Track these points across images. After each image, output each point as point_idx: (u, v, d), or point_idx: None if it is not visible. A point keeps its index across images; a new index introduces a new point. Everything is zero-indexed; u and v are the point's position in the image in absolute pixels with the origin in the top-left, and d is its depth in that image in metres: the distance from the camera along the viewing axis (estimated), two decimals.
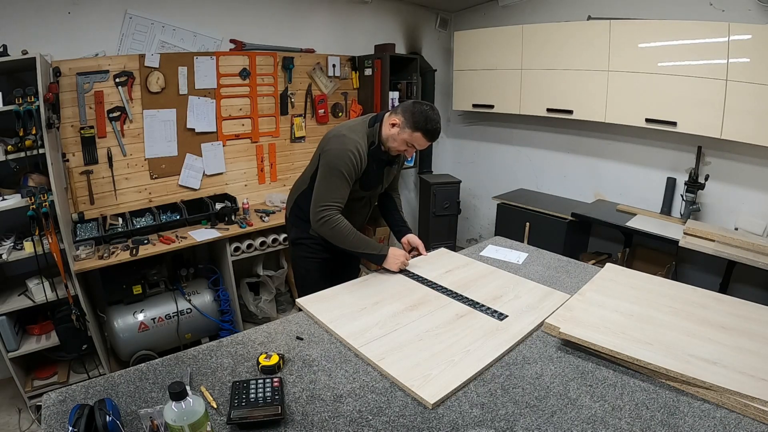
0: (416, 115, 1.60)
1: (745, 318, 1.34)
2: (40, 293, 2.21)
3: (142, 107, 2.75)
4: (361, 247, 1.68)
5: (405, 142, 1.65)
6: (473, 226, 4.59)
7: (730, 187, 2.80)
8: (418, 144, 1.64)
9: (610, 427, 0.96)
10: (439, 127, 1.63)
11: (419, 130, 1.61)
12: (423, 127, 1.60)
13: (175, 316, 2.62)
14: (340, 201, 1.65)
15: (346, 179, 1.63)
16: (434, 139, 1.66)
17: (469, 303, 1.49)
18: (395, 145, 1.67)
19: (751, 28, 2.34)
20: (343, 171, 1.61)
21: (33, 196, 2.06)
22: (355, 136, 1.66)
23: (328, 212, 1.63)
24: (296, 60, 3.30)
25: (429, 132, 1.62)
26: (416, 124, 1.60)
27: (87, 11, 2.49)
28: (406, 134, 1.63)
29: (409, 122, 1.61)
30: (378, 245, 1.70)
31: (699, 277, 2.92)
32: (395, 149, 1.69)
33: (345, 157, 1.61)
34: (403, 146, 1.67)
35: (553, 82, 3.23)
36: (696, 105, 2.58)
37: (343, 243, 1.67)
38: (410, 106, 1.63)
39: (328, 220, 1.63)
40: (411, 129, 1.61)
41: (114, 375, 1.12)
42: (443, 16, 4.21)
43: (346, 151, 1.62)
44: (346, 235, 1.65)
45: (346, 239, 1.65)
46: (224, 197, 3.09)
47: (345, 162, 1.61)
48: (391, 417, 0.99)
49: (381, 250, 1.69)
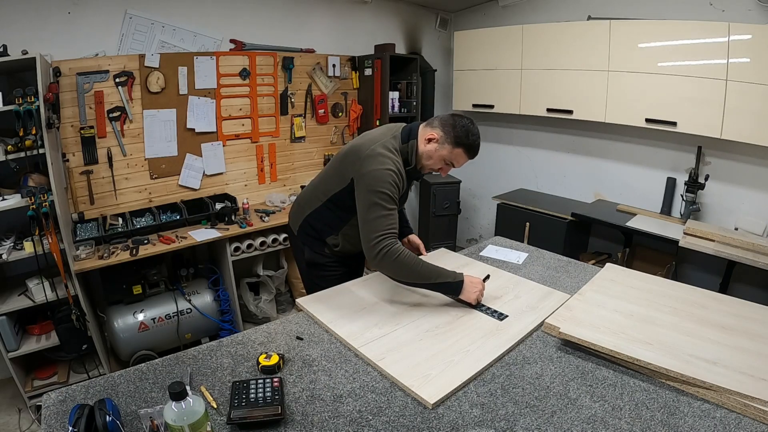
0: (457, 129, 1.46)
1: (745, 318, 1.34)
2: (40, 293, 2.21)
3: (142, 107, 2.75)
4: (433, 277, 1.41)
5: (443, 159, 1.51)
6: (473, 226, 4.59)
7: (730, 187, 2.80)
8: (458, 162, 1.51)
9: (610, 427, 0.96)
10: (479, 141, 1.50)
11: (461, 146, 1.47)
12: (465, 142, 1.46)
13: (175, 316, 2.62)
14: (395, 227, 1.43)
15: (395, 202, 1.44)
16: (475, 155, 1.52)
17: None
18: (430, 163, 1.53)
19: (751, 28, 2.34)
20: (391, 194, 1.42)
21: (33, 196, 2.06)
22: (393, 156, 1.48)
23: (386, 242, 1.39)
24: (296, 60, 3.30)
25: (471, 148, 1.48)
26: (458, 139, 1.46)
27: (87, 11, 2.49)
28: (446, 151, 1.49)
29: (449, 137, 1.47)
30: (452, 272, 1.44)
31: (699, 277, 2.92)
32: (429, 167, 1.55)
33: (389, 179, 1.43)
34: (439, 164, 1.53)
35: (553, 82, 3.23)
36: (696, 105, 2.58)
37: (409, 276, 1.42)
38: (449, 119, 1.49)
39: (389, 251, 1.38)
40: (452, 145, 1.47)
41: (114, 375, 1.12)
42: (443, 16, 4.21)
43: (390, 173, 1.44)
44: (413, 266, 1.40)
45: (414, 270, 1.40)
46: (224, 197, 3.09)
47: (389, 184, 1.42)
48: (391, 417, 0.99)
49: (456, 277, 1.44)
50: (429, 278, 1.41)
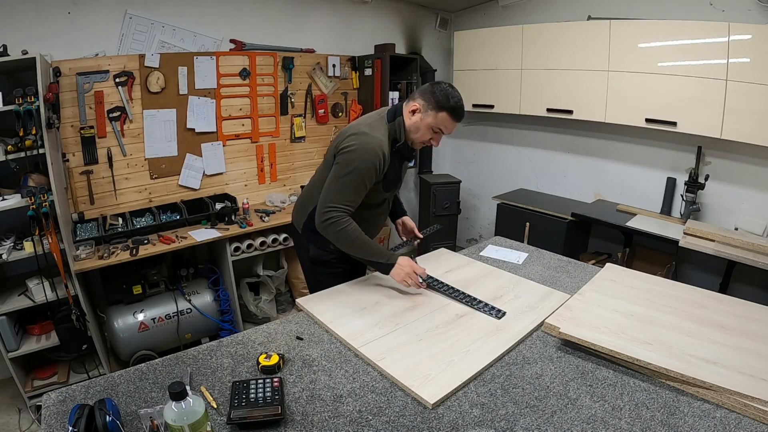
0: (437, 94, 1.47)
1: (745, 318, 1.34)
2: (40, 293, 2.21)
3: (142, 107, 2.75)
4: (367, 253, 1.52)
5: (430, 128, 1.51)
6: (473, 226, 4.59)
7: (730, 187, 2.80)
8: (445, 127, 1.50)
9: (610, 427, 0.96)
10: (463, 103, 1.50)
11: (444, 109, 1.47)
12: (447, 105, 1.46)
13: (175, 316, 2.62)
14: (352, 205, 1.49)
15: (364, 183, 1.47)
16: (461, 117, 1.52)
17: (467, 300, 1.49)
18: (418, 136, 1.53)
19: (751, 28, 2.34)
20: (362, 173, 1.45)
21: (33, 196, 2.06)
22: (377, 134, 1.50)
23: (336, 213, 1.46)
24: (296, 60, 3.30)
25: (455, 109, 1.48)
26: (439, 104, 1.46)
27: (87, 11, 2.49)
28: (430, 118, 1.49)
29: (431, 103, 1.48)
30: (387, 253, 1.54)
31: (699, 277, 2.92)
32: (419, 140, 1.55)
33: (366, 158, 1.45)
34: (428, 134, 1.53)
35: (553, 82, 3.23)
36: (696, 105, 2.58)
37: (348, 248, 1.52)
38: (428, 87, 1.50)
39: (335, 222, 1.46)
40: (435, 110, 1.48)
41: (114, 375, 1.12)
42: (443, 16, 4.20)
43: (368, 151, 1.45)
44: (353, 240, 1.49)
45: (353, 244, 1.50)
46: (224, 197, 3.09)
47: (366, 164, 1.45)
48: (391, 417, 0.99)
49: (389, 258, 1.52)
50: (364, 254, 1.53)
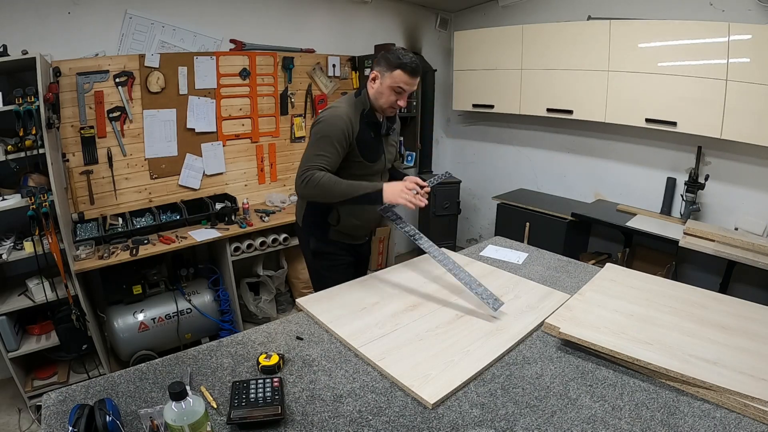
0: (389, 57, 1.58)
1: (745, 318, 1.34)
2: (40, 293, 2.21)
3: (142, 107, 2.75)
4: (353, 191, 1.51)
5: (391, 89, 1.59)
6: (473, 226, 4.59)
7: (730, 187, 2.80)
8: (404, 83, 1.57)
9: (610, 427, 0.96)
10: (415, 59, 1.58)
11: (397, 68, 1.56)
12: (398, 62, 1.55)
13: (175, 316, 2.62)
14: (325, 163, 1.54)
15: (334, 145, 1.55)
16: (416, 73, 1.59)
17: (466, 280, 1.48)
18: (383, 100, 1.62)
19: (751, 28, 2.34)
20: (330, 135, 1.55)
21: (33, 196, 2.06)
22: (343, 105, 1.64)
23: (308, 172, 1.51)
24: (296, 60, 3.30)
25: (407, 65, 1.56)
26: (391, 63, 1.56)
27: (87, 11, 2.49)
28: (388, 79, 1.58)
29: (384, 66, 1.58)
30: (372, 184, 1.54)
31: (699, 277, 2.92)
32: (386, 104, 1.62)
33: (332, 122, 1.57)
34: (391, 95, 1.60)
35: (553, 82, 3.23)
36: (696, 105, 2.58)
37: (333, 196, 1.53)
38: (382, 54, 1.62)
39: (310, 179, 1.50)
40: (390, 70, 1.57)
41: (114, 375, 1.12)
42: (443, 16, 4.20)
43: (334, 117, 1.58)
44: (333, 186, 1.50)
45: (335, 189, 1.51)
46: (224, 197, 3.09)
47: (333, 127, 1.56)
48: (391, 417, 0.99)
49: (375, 187, 1.52)
50: (350, 193, 1.51)
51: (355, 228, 1.81)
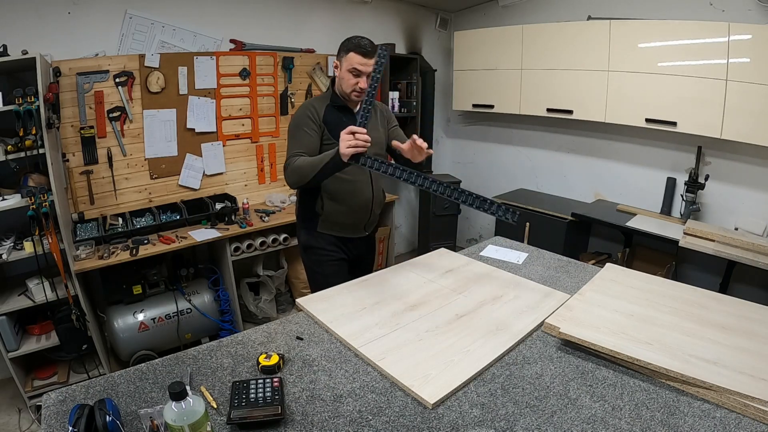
0: (344, 43, 1.66)
1: (745, 318, 1.34)
2: (40, 293, 2.21)
3: (142, 107, 2.75)
4: (319, 162, 1.54)
5: (349, 72, 1.66)
6: (473, 226, 4.59)
7: (730, 187, 2.80)
8: (359, 64, 1.63)
9: (610, 427, 0.96)
10: (367, 40, 1.64)
11: (350, 50, 1.63)
12: (351, 45, 1.63)
13: (175, 316, 2.62)
14: (301, 149, 1.66)
15: (303, 129, 1.68)
16: (369, 53, 1.63)
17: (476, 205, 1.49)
18: (345, 85, 1.69)
19: (751, 28, 2.34)
20: (298, 123, 1.69)
21: (33, 196, 2.06)
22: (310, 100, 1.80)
23: (287, 162, 1.66)
24: (296, 60, 3.30)
25: (359, 46, 1.62)
26: (345, 47, 1.65)
27: (87, 11, 2.49)
28: (345, 63, 1.66)
29: (342, 52, 1.66)
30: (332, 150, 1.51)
31: (699, 277, 2.92)
32: (349, 88, 1.68)
33: (298, 113, 1.72)
34: (351, 78, 1.66)
35: (553, 82, 3.23)
36: (696, 105, 2.58)
37: (308, 174, 1.57)
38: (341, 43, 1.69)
39: (288, 167, 1.64)
40: (345, 54, 1.65)
41: (114, 375, 1.12)
42: (443, 16, 4.21)
43: (300, 108, 1.73)
44: (304, 164, 1.59)
45: (306, 167, 1.58)
46: (224, 197, 3.09)
47: (298, 117, 1.70)
48: (391, 417, 0.99)
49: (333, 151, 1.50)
50: (318, 164, 1.54)
51: (340, 215, 1.81)
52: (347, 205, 1.81)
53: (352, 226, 1.87)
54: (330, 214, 1.80)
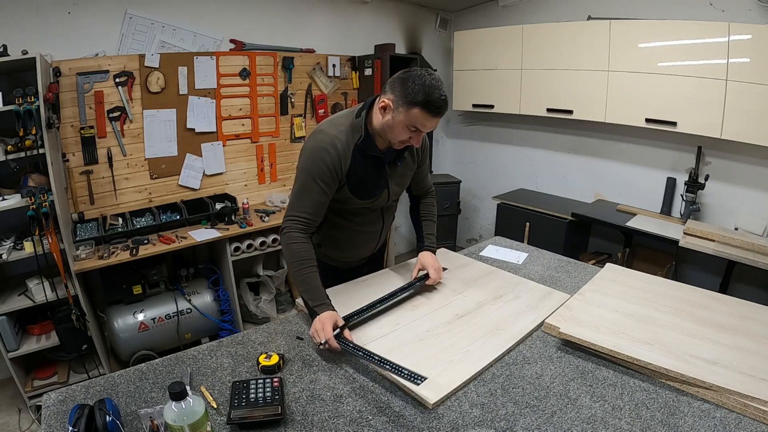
0: (408, 86, 1.21)
1: (745, 318, 1.34)
2: (40, 293, 2.21)
3: (142, 107, 2.75)
4: (301, 286, 1.32)
5: (405, 126, 1.26)
6: (473, 226, 4.59)
7: (730, 187, 2.80)
8: (422, 124, 1.25)
9: (610, 427, 0.96)
10: (442, 94, 1.22)
11: (416, 105, 1.21)
12: (419, 99, 1.20)
13: (175, 316, 2.62)
14: (308, 213, 1.35)
15: (316, 183, 1.32)
16: (440, 112, 1.24)
17: (389, 366, 1.10)
18: (394, 135, 1.31)
19: (751, 28, 2.34)
20: (311, 172, 1.32)
21: (33, 196, 2.06)
22: (334, 131, 1.34)
23: (288, 224, 1.35)
24: (296, 60, 3.30)
25: (429, 104, 1.21)
26: (409, 98, 1.21)
27: (87, 11, 2.49)
28: (402, 116, 1.24)
29: (401, 98, 1.23)
30: (319, 298, 1.28)
31: (699, 277, 2.92)
32: (396, 139, 1.32)
33: (314, 155, 1.32)
34: (405, 133, 1.29)
35: (553, 82, 3.23)
36: (696, 105, 2.58)
37: (289, 270, 1.38)
38: (400, 78, 1.25)
39: (285, 235, 1.34)
40: (406, 107, 1.23)
41: (114, 375, 1.12)
42: (443, 16, 4.20)
43: (315, 149, 1.32)
44: (290, 261, 1.33)
45: (290, 265, 1.34)
46: (224, 197, 3.09)
47: (314, 162, 1.31)
48: (391, 417, 0.99)
49: (315, 305, 1.26)
50: (297, 284, 1.34)
51: (340, 256, 1.65)
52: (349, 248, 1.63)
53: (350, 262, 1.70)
54: (324, 252, 1.61)
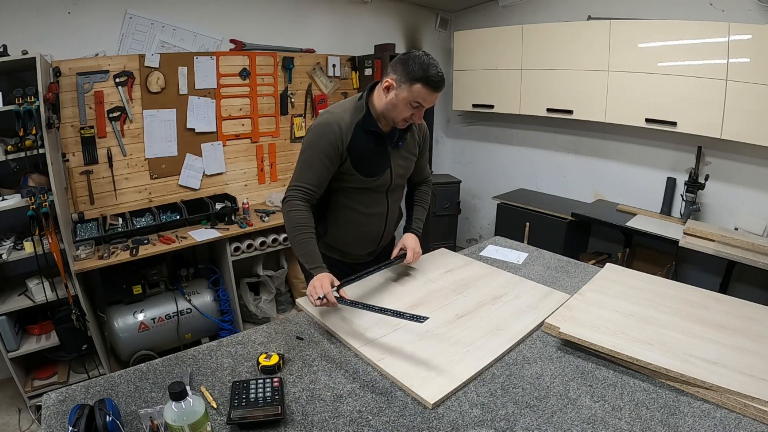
0: (409, 65, 1.35)
1: (745, 318, 1.34)
2: (40, 293, 2.21)
3: (142, 107, 2.75)
4: (299, 250, 1.43)
5: (407, 102, 1.38)
6: (473, 226, 4.59)
7: (730, 187, 2.80)
8: (423, 99, 1.37)
9: (610, 427, 0.96)
10: (439, 71, 1.36)
11: (418, 81, 1.34)
12: (420, 75, 1.33)
13: (175, 316, 2.62)
14: (310, 184, 1.45)
15: (320, 157, 1.42)
16: (439, 87, 1.37)
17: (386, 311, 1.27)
18: (397, 113, 1.41)
19: (751, 28, 2.34)
20: (316, 147, 1.42)
21: (33, 196, 2.06)
22: (338, 110, 1.47)
23: (291, 193, 1.46)
24: (296, 60, 3.30)
25: (430, 79, 1.34)
26: (412, 75, 1.34)
27: (87, 11, 2.49)
28: (405, 92, 1.36)
29: (403, 76, 1.36)
30: (316, 260, 1.40)
31: (699, 277, 2.92)
32: (399, 117, 1.42)
33: (319, 131, 1.43)
34: (407, 110, 1.39)
35: (553, 82, 3.23)
36: (696, 105, 2.58)
37: (288, 235, 1.46)
38: (401, 58, 1.39)
39: (287, 202, 1.45)
40: (408, 83, 1.35)
41: (114, 375, 1.12)
42: (443, 16, 4.20)
43: (321, 126, 1.44)
44: (289, 227, 1.44)
45: (289, 231, 1.45)
46: (224, 197, 3.09)
47: (319, 138, 1.42)
48: (391, 417, 0.99)
49: (312, 267, 1.39)
50: (295, 248, 1.45)
51: (346, 244, 1.66)
52: (356, 233, 1.64)
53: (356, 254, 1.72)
54: (333, 239, 1.65)
